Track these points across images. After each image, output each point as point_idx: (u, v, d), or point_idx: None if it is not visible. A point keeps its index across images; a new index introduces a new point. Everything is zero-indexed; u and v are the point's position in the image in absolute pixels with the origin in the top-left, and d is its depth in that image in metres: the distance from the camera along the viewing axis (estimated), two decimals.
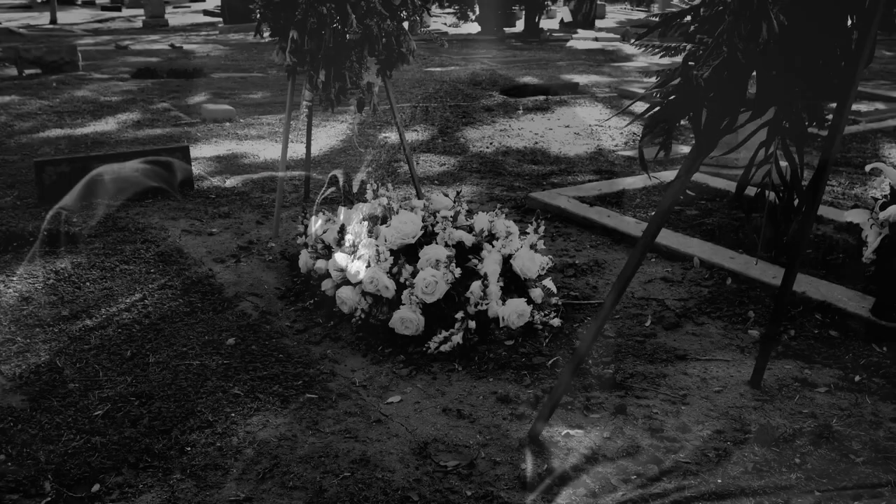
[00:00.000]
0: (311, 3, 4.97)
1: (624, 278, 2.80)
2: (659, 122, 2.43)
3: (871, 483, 2.83)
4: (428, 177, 7.19)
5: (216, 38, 18.68)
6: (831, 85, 2.50)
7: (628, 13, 29.25)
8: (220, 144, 8.29)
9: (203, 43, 17.78)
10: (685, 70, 2.30)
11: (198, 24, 22.33)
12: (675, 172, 6.49)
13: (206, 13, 24.53)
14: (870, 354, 3.78)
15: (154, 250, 5.17)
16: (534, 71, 14.29)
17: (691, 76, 2.18)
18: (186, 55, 15.58)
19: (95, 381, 3.62)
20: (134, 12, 25.31)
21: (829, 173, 2.81)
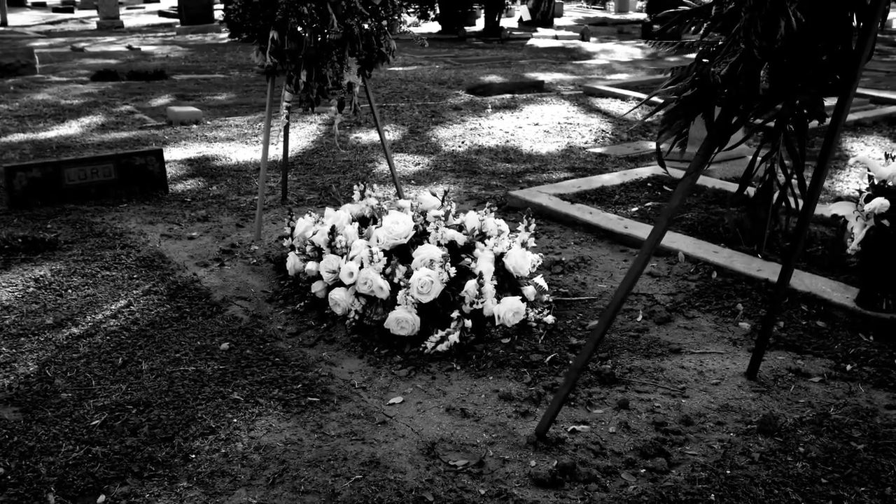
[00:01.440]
0: (291, 3, 4.93)
1: (633, 274, 2.83)
2: (676, 118, 2.46)
3: (874, 469, 2.89)
4: (404, 176, 7.17)
5: (174, 40, 18.42)
6: (833, 80, 2.55)
7: (585, 11, 29.48)
8: (190, 147, 8.18)
9: (161, 44, 17.52)
10: (700, 67, 2.33)
11: (154, 25, 22.00)
12: (654, 168, 6.53)
13: (162, 14, 24.17)
14: (858, 344, 3.86)
15: (135, 255, 5.08)
16: (497, 70, 14.34)
17: (708, 73, 2.21)
18: (145, 57, 15.34)
19: (89, 389, 3.55)
20: (87, 14, 24.85)
21: (829, 168, 2.86)
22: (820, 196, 3.86)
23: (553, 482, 2.87)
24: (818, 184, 2.84)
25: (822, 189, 2.90)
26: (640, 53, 17.41)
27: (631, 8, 28.74)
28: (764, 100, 2.35)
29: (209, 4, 20.03)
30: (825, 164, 2.81)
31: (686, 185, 2.56)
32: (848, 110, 2.69)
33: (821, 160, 2.82)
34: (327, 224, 4.42)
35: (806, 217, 2.96)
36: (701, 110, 2.39)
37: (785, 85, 2.33)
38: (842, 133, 9.28)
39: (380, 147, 8.30)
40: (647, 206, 5.83)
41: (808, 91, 2.44)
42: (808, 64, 2.35)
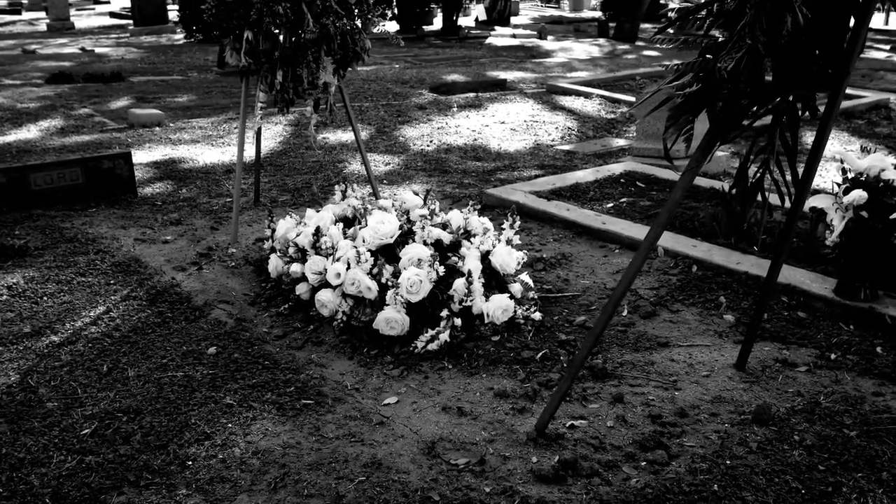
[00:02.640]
0: (266, 3, 4.88)
1: (633, 269, 2.85)
2: (682, 113, 2.49)
3: (869, 455, 2.95)
4: (375, 176, 7.13)
5: (128, 41, 18.11)
6: (826, 75, 2.60)
7: (540, 10, 29.65)
8: (155, 150, 8.05)
9: (115, 46, 17.21)
10: (704, 63, 2.36)
11: (106, 26, 21.59)
12: (625, 164, 6.59)
13: (113, 15, 23.74)
14: (840, 333, 3.94)
15: (110, 261, 4.99)
16: (459, 69, 14.35)
17: (714, 68, 2.24)
18: (100, 59, 15.07)
19: (75, 398, 3.47)
20: (35, 15, 24.32)
21: (819, 161, 2.92)
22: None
23: (556, 477, 2.88)
24: (810, 176, 2.89)
25: (812, 181, 2.95)
26: (598, 51, 17.56)
27: (585, 6, 28.99)
28: (766, 94, 2.39)
29: (163, 5, 19.74)
30: (817, 156, 2.86)
31: (687, 179, 2.59)
32: (840, 104, 2.74)
33: (812, 152, 2.87)
34: (311, 225, 4.39)
35: (796, 209, 3.01)
36: (706, 106, 2.42)
37: (787, 80, 2.37)
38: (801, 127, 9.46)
39: (349, 147, 8.27)
40: (621, 202, 5.88)
41: (806, 86, 2.48)
42: (810, 59, 2.39)
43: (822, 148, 2.83)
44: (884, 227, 3.91)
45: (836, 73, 2.59)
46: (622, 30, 19.75)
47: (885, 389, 3.42)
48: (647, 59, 16.10)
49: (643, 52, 17.52)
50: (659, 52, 17.53)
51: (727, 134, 2.49)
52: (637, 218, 5.54)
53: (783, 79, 2.36)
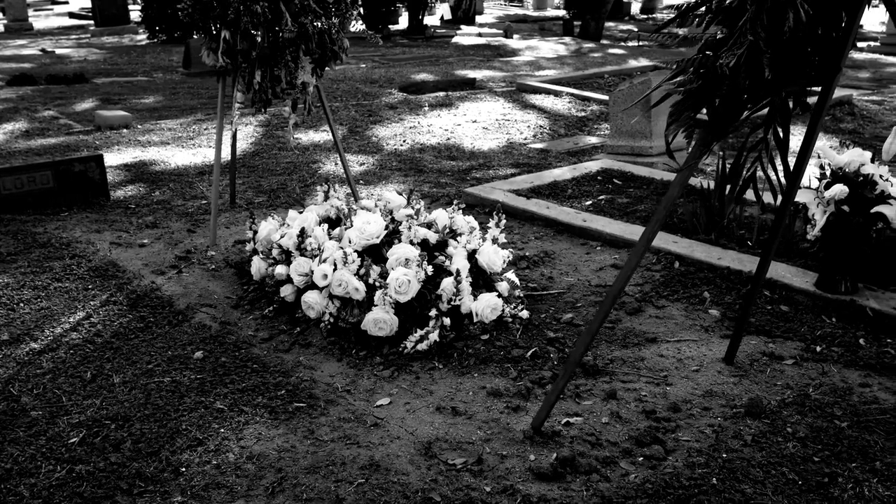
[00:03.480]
0: (243, 2, 4.82)
1: (630, 266, 2.86)
2: (684, 110, 2.50)
3: (861, 445, 2.99)
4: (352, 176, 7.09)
5: (90, 42, 17.83)
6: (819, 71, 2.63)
7: (504, 9, 29.73)
8: (124, 152, 7.93)
9: (76, 47, 16.94)
10: (706, 59, 2.37)
11: (66, 27, 21.24)
12: (601, 161, 6.62)
13: (73, 15, 23.36)
14: (823, 326, 3.99)
15: (86, 266, 4.90)
16: (427, 68, 14.33)
17: (716, 65, 2.25)
18: (61, 60, 14.82)
19: (60, 406, 3.40)
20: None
21: (810, 154, 2.95)
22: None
23: (555, 475, 2.88)
24: (801, 170, 2.92)
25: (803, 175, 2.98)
26: (565, 50, 17.66)
27: (549, 5, 29.12)
28: (765, 90, 2.41)
29: (124, 5, 19.47)
30: (808, 150, 2.89)
31: (684, 175, 2.60)
32: (830, 99, 2.77)
33: (803, 146, 2.90)
34: (294, 226, 4.34)
35: (787, 203, 3.04)
36: (708, 101, 2.43)
37: (784, 76, 2.39)
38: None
39: (323, 148, 8.22)
40: (600, 200, 5.91)
41: (799, 82, 2.51)
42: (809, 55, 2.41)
43: (814, 142, 2.86)
44: (864, 220, 3.97)
45: (829, 68, 2.62)
46: (587, 28, 19.88)
47: (872, 381, 3.47)
48: (614, 58, 16.21)
49: (609, 51, 17.65)
50: (624, 51, 17.66)
51: (725, 130, 2.51)
52: (616, 215, 5.57)
53: (781, 74, 2.38)
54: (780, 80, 2.40)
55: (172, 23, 17.24)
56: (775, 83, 2.39)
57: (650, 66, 13.47)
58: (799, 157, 2.94)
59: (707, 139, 2.52)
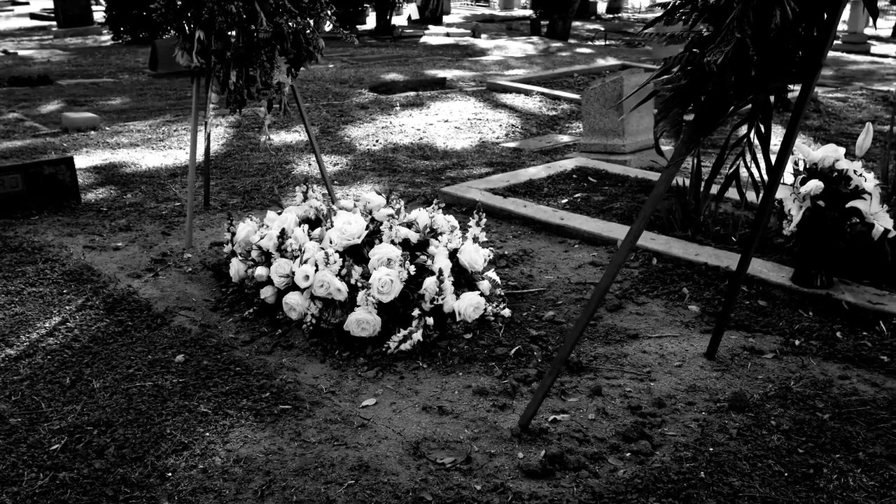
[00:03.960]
0: (218, 2, 4.77)
1: (616, 264, 2.88)
2: (673, 107, 2.52)
3: (844, 437, 3.04)
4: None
5: (52, 43, 17.55)
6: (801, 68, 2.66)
7: (471, 8, 29.78)
8: (93, 154, 7.82)
9: (39, 48, 16.67)
10: (693, 57, 2.39)
11: (27, 28, 20.88)
12: (576, 160, 6.66)
13: (34, 16, 22.98)
14: (800, 320, 4.04)
15: (60, 270, 4.82)
16: (396, 68, 14.31)
17: (703, 62, 2.27)
18: (24, 62, 14.58)
19: (40, 413, 3.34)
20: None
21: (791, 149, 2.99)
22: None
23: (544, 472, 2.89)
24: (782, 164, 2.96)
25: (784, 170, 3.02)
26: (533, 49, 17.73)
27: (515, 5, 29.22)
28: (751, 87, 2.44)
29: (87, 6, 19.20)
30: (789, 145, 2.93)
31: (671, 173, 2.62)
32: (810, 96, 2.81)
33: (784, 142, 2.94)
34: (274, 227, 4.31)
35: (769, 198, 3.08)
36: (696, 99, 2.45)
37: (768, 73, 2.42)
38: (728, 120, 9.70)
39: (295, 148, 8.17)
40: (576, 198, 5.94)
41: (782, 79, 2.54)
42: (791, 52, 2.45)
43: (794, 138, 2.90)
44: (839, 215, 4.03)
45: (810, 66, 2.66)
46: (555, 28, 19.97)
47: (850, 373, 3.53)
48: (582, 57, 16.31)
49: (577, 50, 17.75)
50: (592, 50, 17.79)
51: (712, 126, 2.53)
52: (592, 213, 5.60)
53: (765, 72, 2.40)
54: (764, 78, 2.43)
55: (137, 23, 17.05)
56: (760, 80, 2.42)
57: (619, 65, 13.57)
58: (780, 152, 2.98)
59: (693, 136, 2.54)
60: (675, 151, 2.62)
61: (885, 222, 3.99)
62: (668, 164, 2.59)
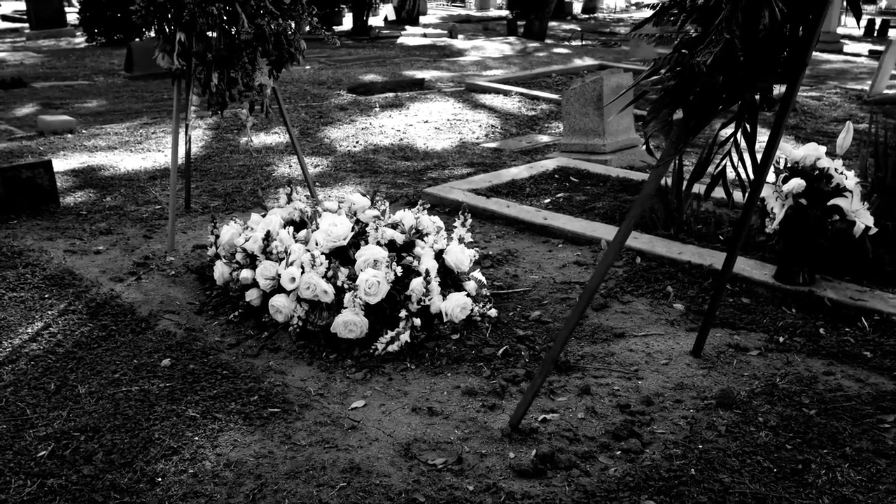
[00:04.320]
0: (198, 3, 4.74)
1: (605, 264, 2.89)
2: (662, 107, 2.53)
3: (830, 432, 3.07)
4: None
5: (25, 45, 17.35)
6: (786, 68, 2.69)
7: (447, 9, 29.79)
8: (71, 158, 7.74)
9: (12, 50, 16.48)
10: (681, 57, 2.41)
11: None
12: (557, 160, 6.67)
13: (5, 18, 22.71)
14: (784, 317, 4.09)
15: (41, 274, 4.77)
16: (374, 69, 14.29)
17: (693, 63, 2.29)
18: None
19: (25, 419, 3.31)
20: None
21: (777, 148, 3.02)
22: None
23: (536, 471, 2.90)
24: (768, 162, 2.99)
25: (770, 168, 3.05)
26: (510, 49, 17.78)
27: (491, 5, 29.27)
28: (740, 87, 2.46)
29: (61, 7, 19.01)
30: (774, 144, 2.96)
31: (659, 172, 2.64)
32: (795, 96, 2.84)
33: (770, 140, 2.97)
34: (258, 229, 4.29)
35: (755, 196, 3.11)
36: (686, 99, 2.47)
37: (756, 73, 2.45)
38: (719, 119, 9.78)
39: (275, 150, 8.14)
40: (558, 198, 5.96)
41: (768, 79, 2.57)
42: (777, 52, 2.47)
43: (780, 136, 2.93)
44: (821, 213, 4.08)
45: (795, 65, 2.69)
46: (531, 28, 20.04)
47: (835, 369, 3.57)
48: (559, 57, 16.38)
49: (553, 50, 17.82)
50: (569, 50, 17.86)
51: (700, 126, 2.55)
52: (575, 212, 5.63)
53: (753, 72, 2.43)
54: (752, 78, 2.45)
55: (111, 25, 16.90)
56: (748, 80, 2.45)
57: (597, 65, 13.63)
58: (766, 151, 3.01)
59: (682, 136, 2.57)
60: (664, 151, 2.64)
61: (866, 220, 4.04)
62: (657, 164, 2.61)
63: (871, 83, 11.13)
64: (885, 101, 10.78)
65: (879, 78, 11.01)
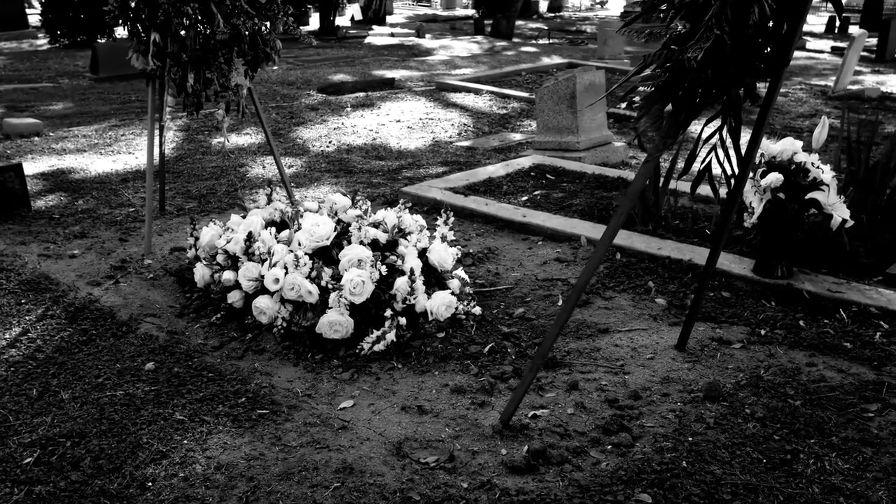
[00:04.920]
0: (173, 4, 4.69)
1: (596, 259, 2.91)
2: (654, 102, 2.55)
3: (816, 422, 3.12)
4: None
5: None
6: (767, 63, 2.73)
7: (413, 8, 29.77)
8: (39, 161, 7.63)
9: None
10: (671, 53, 2.44)
11: None
12: (532, 158, 6.69)
13: None
14: (764, 310, 4.14)
15: (16, 279, 4.69)
16: (343, 69, 14.24)
17: (684, 59, 2.31)
18: None
19: (8, 426, 3.25)
20: None
21: (760, 142, 3.06)
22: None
23: (529, 467, 2.91)
24: (751, 157, 3.03)
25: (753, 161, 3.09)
26: (478, 48, 17.80)
27: (457, 4, 29.30)
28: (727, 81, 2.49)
29: (22, 9, 18.69)
30: (758, 139, 3.00)
31: (649, 167, 2.66)
32: (778, 91, 2.88)
33: (754, 135, 3.01)
34: (239, 231, 4.26)
35: (738, 191, 3.15)
36: (677, 94, 2.50)
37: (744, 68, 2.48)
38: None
39: (247, 151, 8.08)
40: (535, 195, 5.99)
41: (753, 74, 2.60)
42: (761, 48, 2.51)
43: (763, 131, 2.97)
44: (799, 206, 4.14)
45: (779, 61, 2.73)
46: (498, 27, 20.08)
47: (817, 360, 3.63)
48: (527, 55, 16.44)
49: (521, 49, 17.88)
50: (537, 48, 17.93)
51: (688, 121, 2.58)
52: (553, 209, 5.65)
53: (741, 67, 2.46)
54: (741, 73, 2.49)
55: (74, 26, 16.65)
56: (737, 75, 2.48)
57: (566, 63, 13.71)
58: (749, 145, 3.05)
59: (672, 130, 2.59)
60: (653, 147, 2.66)
61: (843, 212, 4.11)
62: (647, 160, 2.64)
63: (836, 79, 11.31)
64: (849, 97, 10.97)
65: (843, 74, 11.20)
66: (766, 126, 2.95)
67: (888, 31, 15.56)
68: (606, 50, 14.94)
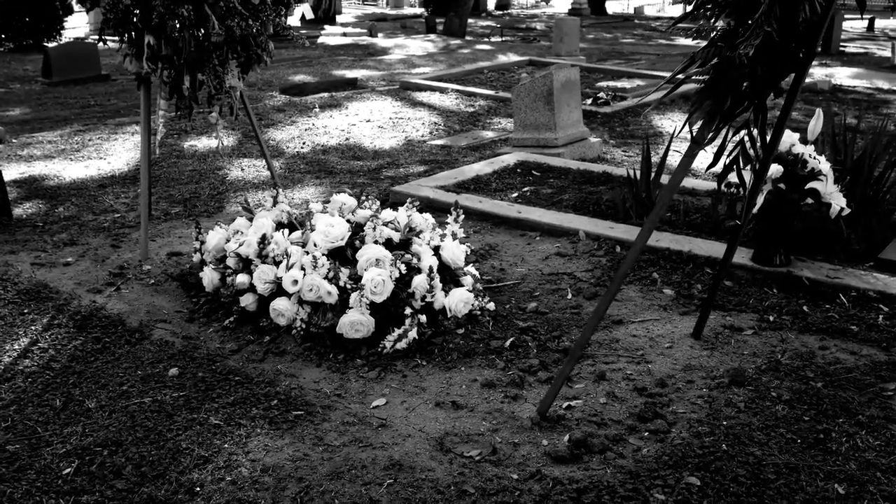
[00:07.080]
0: (167, 6, 4.64)
1: (635, 251, 2.98)
2: (706, 98, 2.63)
3: (841, 402, 3.24)
4: (263, 182, 6.96)
5: None
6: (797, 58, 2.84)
7: (361, 8, 29.68)
8: (8, 168, 7.44)
9: None
10: (719, 50, 2.52)
11: None
12: (516, 155, 6.76)
13: None
14: (768, 297, 4.27)
15: (14, 290, 4.59)
16: (302, 69, 14.16)
17: (735, 55, 2.40)
18: None
19: (39, 438, 3.20)
20: None
21: (783, 133, 3.17)
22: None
23: (573, 457, 2.97)
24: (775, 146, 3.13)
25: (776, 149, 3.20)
26: (433, 47, 17.85)
27: (405, 3, 29.30)
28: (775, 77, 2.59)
29: None
30: (780, 132, 3.11)
31: (688, 161, 2.74)
32: (803, 83, 2.99)
33: (776, 129, 3.11)
34: (249, 234, 4.24)
35: (758, 185, 3.26)
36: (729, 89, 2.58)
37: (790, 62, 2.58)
38: (651, 112, 10.06)
39: (222, 154, 7.99)
40: (525, 191, 6.06)
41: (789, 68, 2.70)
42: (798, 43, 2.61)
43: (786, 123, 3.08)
44: (799, 196, 4.28)
45: (808, 53, 2.83)
46: (451, 26, 20.15)
47: (828, 343, 3.76)
48: (483, 54, 16.54)
49: (476, 47, 17.98)
50: (491, 46, 18.05)
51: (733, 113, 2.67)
52: (545, 205, 5.73)
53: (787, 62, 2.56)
54: (787, 67, 2.58)
55: (20, 30, 16.24)
56: (784, 69, 2.57)
57: (525, 61, 13.84)
58: (773, 135, 3.15)
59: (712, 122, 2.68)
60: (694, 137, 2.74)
61: (840, 201, 4.26)
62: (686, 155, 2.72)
63: None
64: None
65: None
66: (788, 119, 3.05)
67: (832, 25, 16.05)
68: (563, 47, 15.12)
